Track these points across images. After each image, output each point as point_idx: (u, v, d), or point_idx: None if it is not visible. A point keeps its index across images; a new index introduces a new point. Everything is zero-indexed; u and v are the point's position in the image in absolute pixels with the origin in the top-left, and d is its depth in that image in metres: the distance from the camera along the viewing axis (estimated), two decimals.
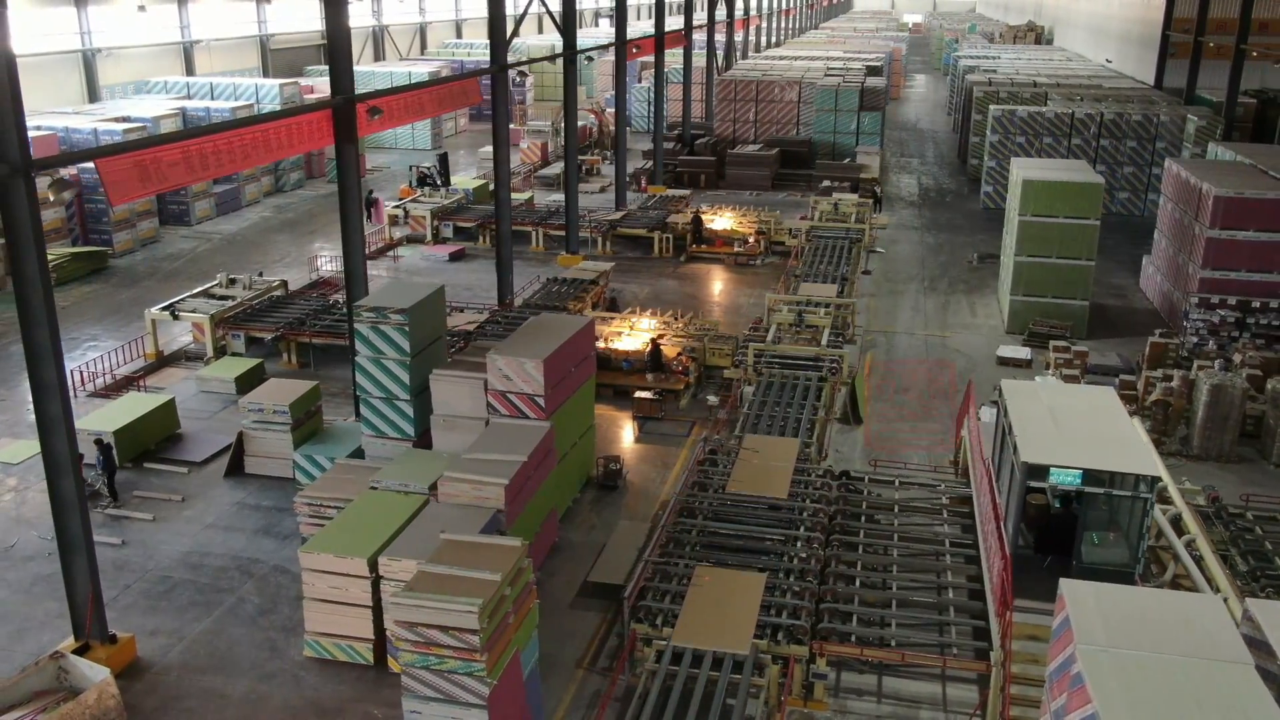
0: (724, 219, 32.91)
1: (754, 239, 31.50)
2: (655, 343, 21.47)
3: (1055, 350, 22.15)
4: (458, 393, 16.37)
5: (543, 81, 60.62)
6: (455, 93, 23.10)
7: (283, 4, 50.43)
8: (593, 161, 44.18)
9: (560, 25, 29.05)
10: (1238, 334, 23.11)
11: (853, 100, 44.23)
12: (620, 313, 24.71)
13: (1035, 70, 52.92)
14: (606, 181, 40.70)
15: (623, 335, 22.51)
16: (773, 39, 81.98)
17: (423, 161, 38.27)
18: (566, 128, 29.94)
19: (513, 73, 43.03)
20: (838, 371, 19.98)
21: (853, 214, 32.28)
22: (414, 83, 22.45)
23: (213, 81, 42.47)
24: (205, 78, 43.38)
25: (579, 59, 29.62)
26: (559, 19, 29.03)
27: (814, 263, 27.32)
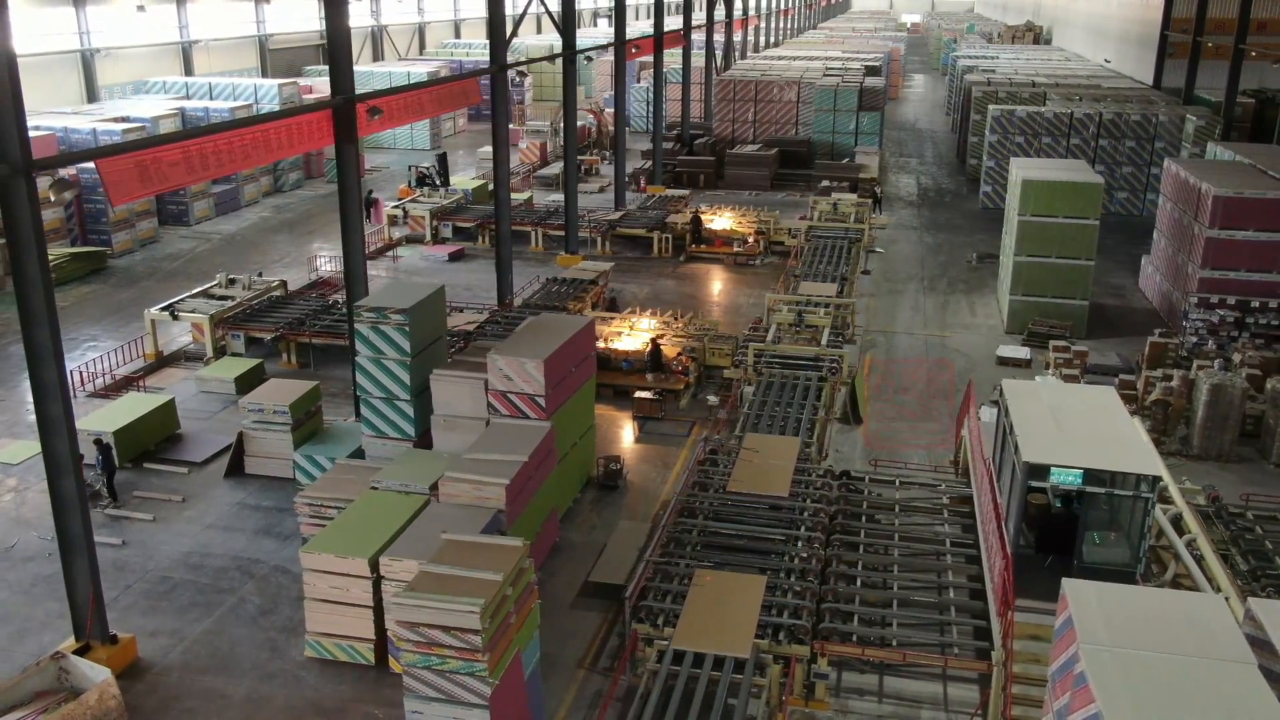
0: (723, 219, 32.92)
1: (753, 239, 31.52)
2: (655, 343, 21.47)
3: (1055, 350, 22.16)
4: (458, 393, 16.37)
5: (541, 81, 60.57)
6: (455, 93, 23.10)
7: (281, 4, 50.39)
8: (592, 161, 44.16)
9: (559, 25, 29.06)
10: (1237, 334, 23.13)
11: (851, 100, 44.25)
12: (620, 313, 24.71)
13: (1034, 70, 52.93)
14: (605, 181, 40.69)
15: (622, 335, 22.51)
16: (771, 39, 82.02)
17: (422, 162, 38.28)
18: (566, 128, 29.93)
19: (511, 73, 43.01)
20: (838, 371, 19.96)
21: (852, 214, 32.28)
22: (414, 83, 22.43)
23: (211, 81, 42.45)
24: (204, 78, 43.36)
25: (578, 59, 29.58)
26: (558, 19, 29.04)
27: (813, 263, 27.30)
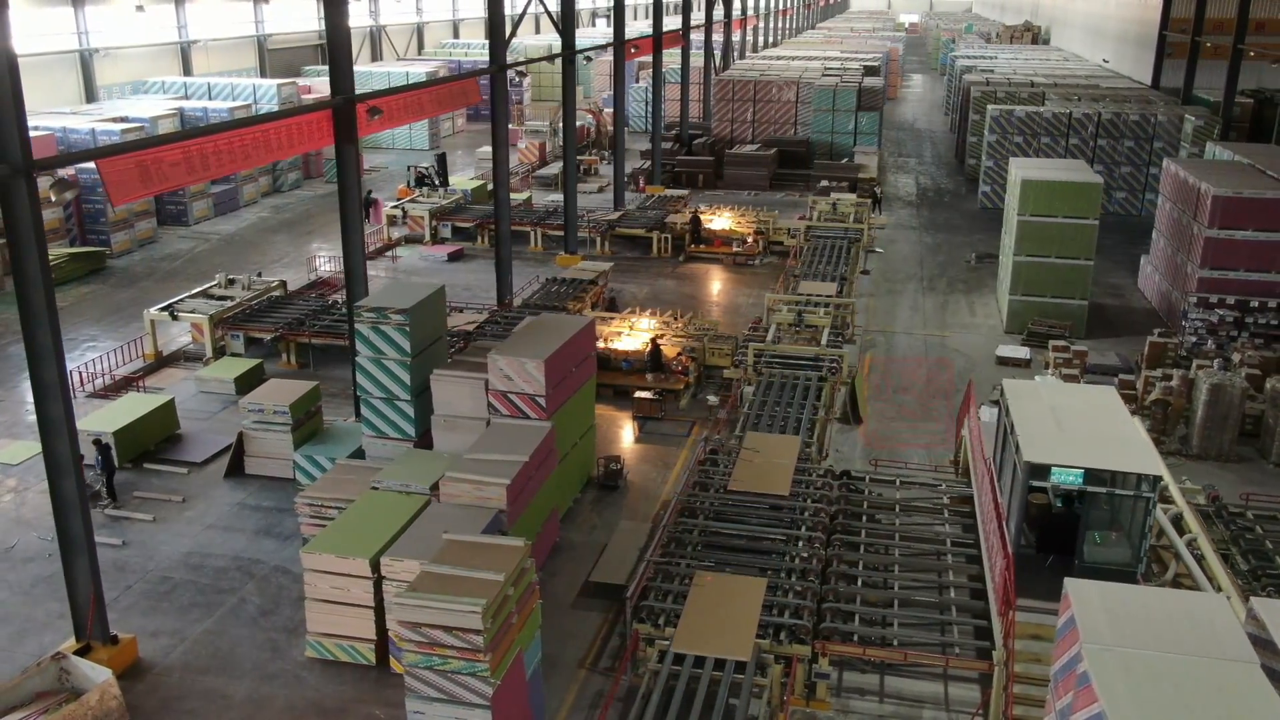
0: (722, 219, 32.92)
1: (752, 239, 31.52)
2: (655, 343, 21.47)
3: (1054, 350, 22.16)
4: (459, 393, 16.36)
5: (540, 81, 60.56)
6: (455, 93, 23.09)
7: (280, 4, 50.36)
8: (591, 161, 44.16)
9: (558, 25, 29.06)
10: (1236, 333, 23.15)
11: (850, 100, 44.26)
12: (619, 313, 24.71)
13: (1032, 70, 52.96)
14: (605, 181, 40.69)
15: (622, 335, 22.51)
16: (770, 39, 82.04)
17: (420, 162, 38.27)
18: (565, 128, 29.92)
19: (510, 73, 42.98)
20: (837, 371, 19.97)
21: (851, 214, 32.29)
22: (414, 83, 22.42)
23: (210, 82, 42.43)
24: (203, 78, 43.33)
25: (577, 59, 29.59)
26: (557, 19, 29.04)
27: (812, 262, 27.30)
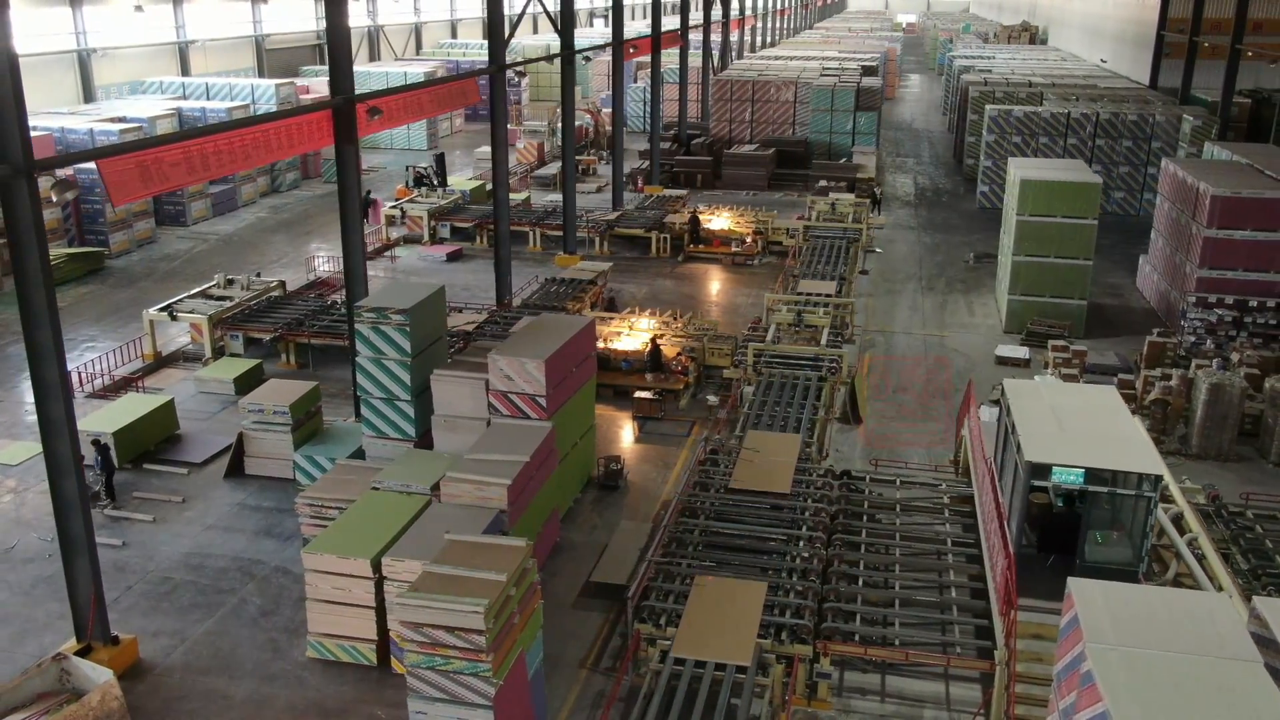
0: (721, 219, 32.92)
1: (751, 239, 31.53)
2: (655, 343, 21.47)
3: (1053, 349, 22.18)
4: (459, 393, 16.36)
5: (538, 81, 60.51)
6: (454, 93, 23.08)
7: (278, 4, 50.32)
8: (589, 161, 44.15)
9: (557, 25, 29.05)
10: (1235, 333, 23.18)
11: (848, 100, 44.27)
12: (619, 313, 24.70)
13: (1030, 70, 53.01)
14: (603, 181, 40.69)
15: (622, 335, 22.50)
16: (768, 39, 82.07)
17: (419, 162, 38.26)
18: (564, 128, 29.91)
19: (508, 73, 42.96)
20: (837, 371, 19.99)
21: (850, 214, 32.30)
22: (413, 83, 22.41)
23: (208, 82, 42.38)
24: (201, 78, 43.28)
25: (576, 59, 29.58)
26: (556, 19, 29.03)
27: (811, 262, 27.31)
